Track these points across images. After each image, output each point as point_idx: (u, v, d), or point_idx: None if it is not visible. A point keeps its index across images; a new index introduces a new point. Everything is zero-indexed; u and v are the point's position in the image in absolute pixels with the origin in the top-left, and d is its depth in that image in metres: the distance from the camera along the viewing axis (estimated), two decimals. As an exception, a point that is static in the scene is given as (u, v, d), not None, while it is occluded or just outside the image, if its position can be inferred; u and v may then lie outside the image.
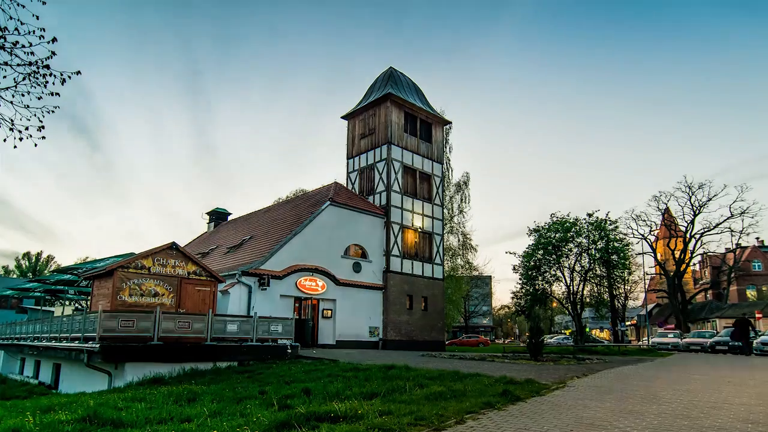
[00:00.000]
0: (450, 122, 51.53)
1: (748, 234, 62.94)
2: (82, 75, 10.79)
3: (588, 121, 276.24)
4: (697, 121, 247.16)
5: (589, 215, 54.35)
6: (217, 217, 57.21)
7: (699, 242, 63.64)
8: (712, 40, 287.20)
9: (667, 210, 66.85)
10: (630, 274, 60.89)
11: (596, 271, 55.94)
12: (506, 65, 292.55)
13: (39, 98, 10.42)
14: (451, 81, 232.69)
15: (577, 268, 54.41)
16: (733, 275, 76.91)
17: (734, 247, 66.95)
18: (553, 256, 53.99)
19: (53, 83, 10.45)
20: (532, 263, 55.24)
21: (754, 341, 36.13)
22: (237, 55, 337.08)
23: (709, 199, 60.90)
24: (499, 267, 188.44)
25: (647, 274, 72.44)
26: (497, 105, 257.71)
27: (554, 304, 66.68)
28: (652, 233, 66.12)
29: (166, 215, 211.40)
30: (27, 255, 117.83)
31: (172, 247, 25.87)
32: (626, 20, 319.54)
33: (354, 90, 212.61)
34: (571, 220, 54.46)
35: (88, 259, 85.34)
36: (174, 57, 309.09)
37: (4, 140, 10.50)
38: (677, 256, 63.92)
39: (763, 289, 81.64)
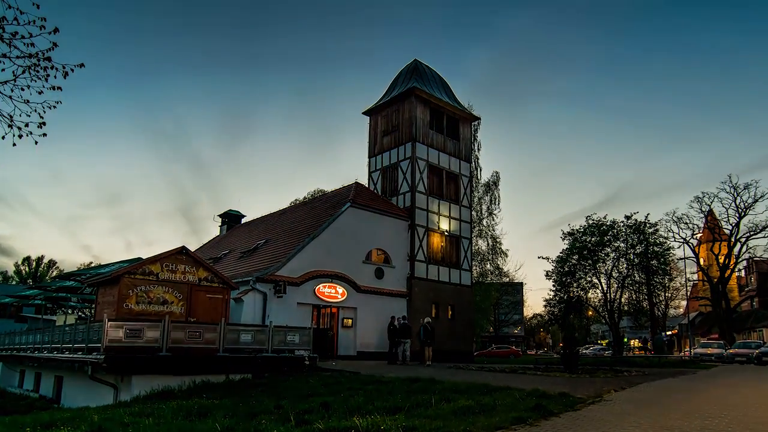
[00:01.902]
0: (479, 118, 51.39)
1: (797, 238, 62.43)
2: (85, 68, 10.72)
3: (630, 116, 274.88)
4: (739, 117, 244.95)
5: (627, 217, 54.15)
6: (230, 219, 57.11)
7: (745, 246, 63.11)
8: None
9: (710, 212, 66.24)
10: (671, 280, 60.72)
11: (635, 277, 55.69)
12: (541, 56, 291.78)
13: (40, 93, 10.41)
14: (479, 74, 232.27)
15: (615, 273, 54.26)
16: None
17: (783, 251, 66.36)
18: (589, 262, 53.82)
19: (55, 77, 10.44)
20: (567, 269, 55.09)
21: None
22: (251, 43, 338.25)
23: (756, 200, 60.33)
24: (532, 273, 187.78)
25: (689, 280, 71.67)
26: (530, 99, 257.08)
27: (590, 313, 66.32)
28: (694, 237, 65.73)
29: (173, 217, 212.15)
30: (27, 260, 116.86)
31: (182, 251, 25.77)
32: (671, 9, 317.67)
33: (377, 83, 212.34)
34: (608, 223, 54.27)
35: (92, 265, 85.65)
36: (183, 46, 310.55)
37: (3, 137, 10.44)
38: (721, 261, 63.36)
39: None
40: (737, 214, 61.42)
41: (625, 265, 54.88)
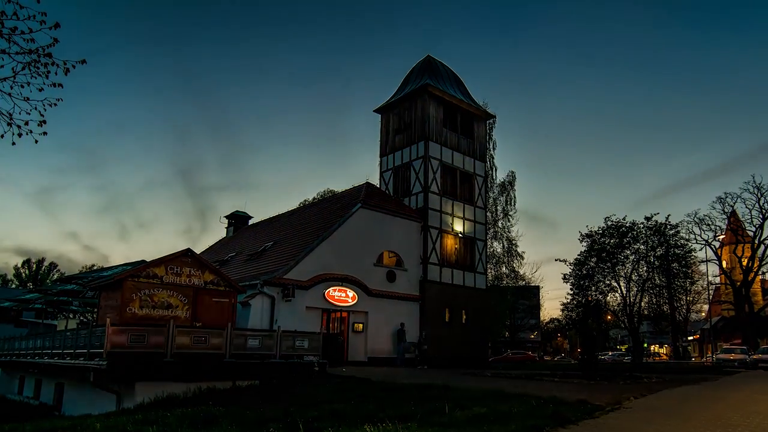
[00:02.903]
0: (494, 116, 51.37)
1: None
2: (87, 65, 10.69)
3: (649, 114, 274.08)
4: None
5: (648, 219, 53.76)
6: (237, 221, 57.02)
7: (769, 248, 62.76)
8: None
9: (733, 213, 65.87)
10: (692, 284, 60.18)
11: (655, 280, 55.38)
12: (560, 51, 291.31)
13: (40, 90, 10.35)
14: (494, 70, 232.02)
15: (634, 277, 53.86)
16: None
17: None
18: (608, 264, 53.50)
19: (55, 73, 10.38)
20: (584, 272, 54.80)
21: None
22: (258, 39, 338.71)
23: (781, 201, 60.02)
24: (548, 276, 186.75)
25: (711, 284, 71.45)
26: (547, 96, 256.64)
27: (608, 317, 66.05)
28: (716, 239, 65.26)
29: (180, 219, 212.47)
30: (27, 263, 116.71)
31: (187, 254, 25.72)
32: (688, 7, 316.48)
33: (389, 80, 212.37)
34: (627, 224, 53.97)
35: (95, 268, 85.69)
36: (186, 47, 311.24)
37: (2, 136, 10.41)
38: (744, 263, 63.05)
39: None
40: (761, 216, 61.12)
41: (645, 268, 54.56)
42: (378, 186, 44.39)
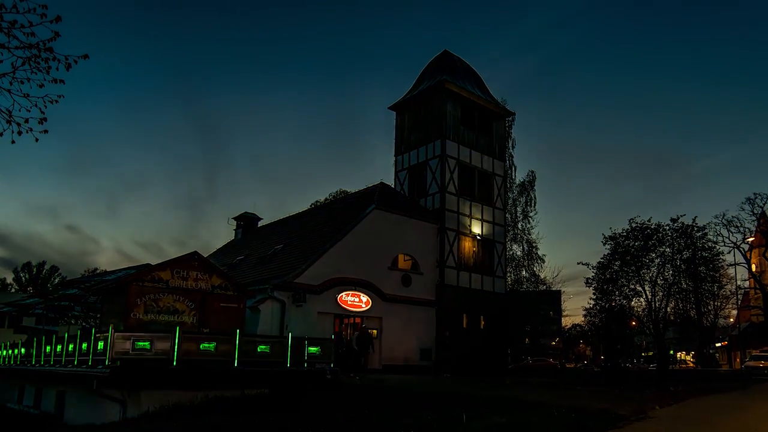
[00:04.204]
0: (513, 113, 51.28)
1: None
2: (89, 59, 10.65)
3: (678, 108, 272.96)
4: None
5: (674, 221, 53.63)
6: (246, 222, 56.97)
7: (800, 251, 62.42)
8: None
9: (762, 214, 65.45)
10: (720, 288, 59.97)
11: (681, 284, 55.21)
12: (581, 45, 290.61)
13: (40, 86, 10.31)
14: (513, 64, 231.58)
15: (660, 281, 53.74)
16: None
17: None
18: (632, 268, 53.37)
19: (57, 69, 10.33)
20: (608, 275, 54.65)
21: None
22: (270, 33, 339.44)
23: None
24: (570, 280, 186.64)
25: (740, 288, 71.01)
26: (569, 92, 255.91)
27: (633, 323, 65.80)
28: (745, 241, 64.89)
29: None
30: (27, 266, 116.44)
31: (194, 257, 25.65)
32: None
33: (404, 75, 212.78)
34: (652, 227, 53.80)
35: (98, 271, 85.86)
36: (201, 35, 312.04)
37: (1, 134, 10.37)
38: (775, 267, 62.74)
39: None
40: (792, 217, 60.80)
41: (671, 272, 54.41)
42: (393, 186, 44.33)
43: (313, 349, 24.79)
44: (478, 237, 42.97)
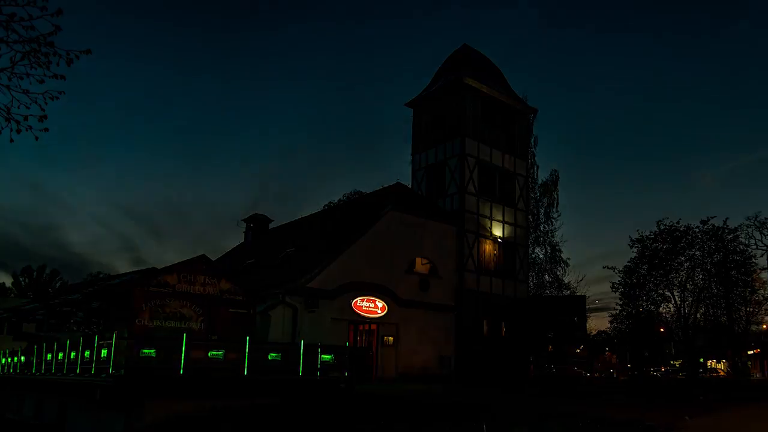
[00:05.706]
0: (535, 110, 51.04)
1: None
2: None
3: (706, 104, 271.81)
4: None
5: (704, 222, 53.39)
6: (257, 224, 56.63)
7: (836, 255, 61.85)
8: None
9: (797, 215, 65.05)
10: (753, 293, 59.55)
11: (712, 289, 54.94)
12: (605, 36, 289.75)
13: (41, 82, 10.26)
14: (536, 59, 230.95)
15: (689, 285, 53.53)
16: None
17: None
18: (660, 272, 53.18)
19: (57, 64, 10.28)
20: (635, 280, 54.49)
21: None
22: (279, 29, 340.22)
23: None
24: (596, 284, 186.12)
25: (774, 292, 70.57)
26: (594, 87, 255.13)
27: (661, 330, 65.50)
28: (779, 244, 64.51)
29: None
30: (27, 270, 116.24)
31: (202, 260, 25.68)
32: None
33: (421, 71, 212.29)
34: (681, 229, 53.58)
35: (101, 276, 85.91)
36: (210, 31, 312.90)
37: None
38: (809, 272, 62.23)
39: None
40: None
41: (701, 276, 54.19)
42: (409, 187, 44.18)
43: (326, 356, 24.67)
44: (499, 240, 42.78)
